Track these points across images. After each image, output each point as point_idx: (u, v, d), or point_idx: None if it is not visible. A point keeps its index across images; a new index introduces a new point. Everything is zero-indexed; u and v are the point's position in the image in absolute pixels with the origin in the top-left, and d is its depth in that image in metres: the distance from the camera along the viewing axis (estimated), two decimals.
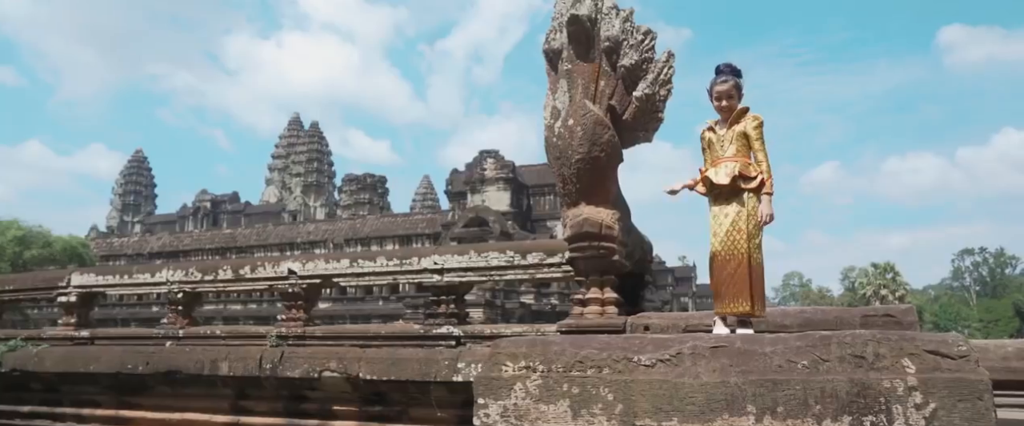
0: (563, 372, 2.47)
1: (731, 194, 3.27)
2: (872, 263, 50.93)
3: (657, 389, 2.32)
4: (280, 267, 6.65)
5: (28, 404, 7.51)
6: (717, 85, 3.40)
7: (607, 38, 4.40)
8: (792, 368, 2.22)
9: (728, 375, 2.26)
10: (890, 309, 3.84)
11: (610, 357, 2.44)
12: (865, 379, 2.11)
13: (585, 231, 4.32)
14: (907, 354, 2.12)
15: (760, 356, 2.28)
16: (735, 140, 3.30)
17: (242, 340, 6.77)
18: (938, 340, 2.11)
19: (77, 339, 7.39)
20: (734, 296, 3.22)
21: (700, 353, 2.36)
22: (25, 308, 25.81)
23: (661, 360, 2.39)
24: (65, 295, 7.51)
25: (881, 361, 2.14)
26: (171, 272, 7.10)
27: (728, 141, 3.32)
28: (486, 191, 38.61)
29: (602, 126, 4.30)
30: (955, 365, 2.06)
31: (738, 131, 3.30)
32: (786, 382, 2.19)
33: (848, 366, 2.17)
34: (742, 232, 3.20)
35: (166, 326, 7.08)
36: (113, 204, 60.62)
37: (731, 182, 3.24)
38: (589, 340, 2.56)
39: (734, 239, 3.21)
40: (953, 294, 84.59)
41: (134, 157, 62.95)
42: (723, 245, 3.25)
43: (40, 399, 7.52)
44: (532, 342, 2.60)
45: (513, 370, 2.54)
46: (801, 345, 2.26)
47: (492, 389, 2.54)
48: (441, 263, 6.08)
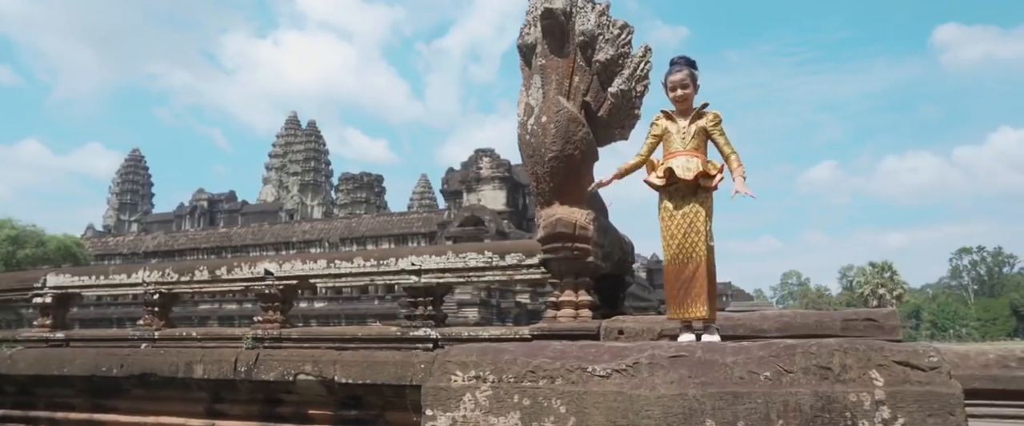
0: (514, 382, 2.32)
1: (689, 192, 3.12)
2: (870, 262, 50.85)
3: (612, 401, 2.18)
4: (256, 268, 6.51)
5: (1, 407, 7.37)
6: (671, 75, 3.26)
7: (582, 32, 4.26)
8: (754, 380, 2.08)
9: (686, 387, 2.12)
10: (871, 313, 3.70)
11: (564, 367, 2.30)
12: (830, 392, 1.97)
13: (558, 232, 4.18)
14: (875, 365, 1.98)
15: (721, 367, 2.14)
16: (695, 135, 3.16)
17: (218, 342, 6.62)
18: (908, 351, 1.97)
19: (52, 341, 7.24)
20: (693, 300, 3.08)
21: (658, 363, 2.22)
22: (19, 307, 25.65)
23: (617, 370, 2.25)
24: (40, 296, 7.36)
25: (848, 373, 1.99)
26: (147, 273, 6.95)
27: (690, 135, 3.18)
28: (482, 190, 38.43)
29: (576, 123, 4.16)
30: (925, 377, 1.92)
31: (698, 126, 3.16)
32: (747, 395, 2.05)
33: (813, 378, 2.02)
34: (700, 233, 3.06)
35: (142, 327, 6.94)
36: (110, 203, 60.41)
37: (694, 179, 3.09)
38: (543, 348, 2.41)
39: (692, 241, 3.07)
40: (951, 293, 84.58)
41: (131, 156, 62.73)
42: (681, 247, 3.10)
43: (13, 402, 7.38)
44: (483, 350, 2.46)
45: (463, 380, 2.40)
46: (764, 355, 2.12)
47: (441, 400, 2.40)
48: (418, 264, 5.94)
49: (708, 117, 3.16)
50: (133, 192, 60.61)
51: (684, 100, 3.20)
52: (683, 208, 3.12)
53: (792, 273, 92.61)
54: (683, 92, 3.19)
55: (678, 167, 3.12)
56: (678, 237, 3.10)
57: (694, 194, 3.10)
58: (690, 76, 3.21)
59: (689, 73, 3.21)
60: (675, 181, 3.12)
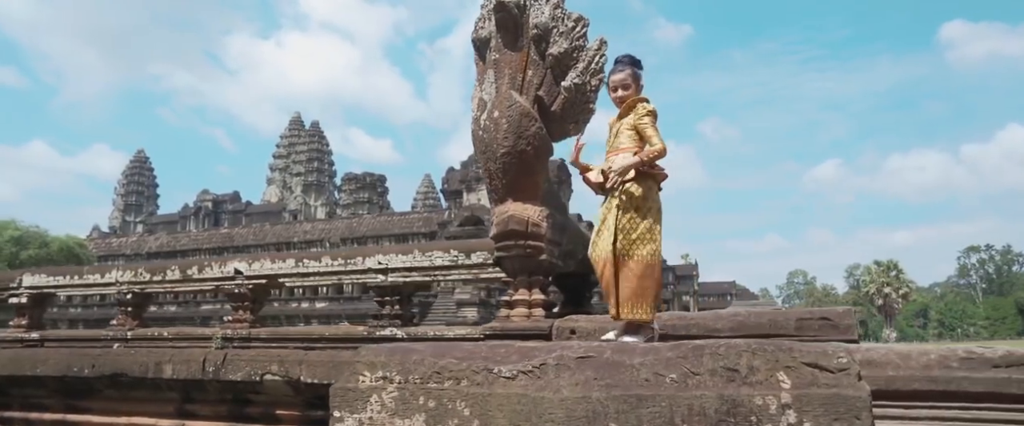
0: (420, 383, 2.23)
1: (612, 190, 3.01)
2: (875, 261, 50.40)
3: (515, 404, 2.08)
4: (226, 267, 6.44)
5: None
6: (613, 74, 3.14)
7: (536, 25, 4.15)
8: (660, 382, 1.98)
9: (591, 389, 2.02)
10: (826, 311, 3.59)
11: (469, 368, 2.20)
12: (736, 395, 1.87)
13: (510, 229, 4.08)
14: (783, 367, 1.87)
15: (628, 368, 2.04)
16: (624, 131, 3.04)
17: (189, 342, 6.56)
18: (817, 352, 1.86)
19: (27, 341, 7.21)
20: (609, 301, 2.98)
21: (565, 365, 2.12)
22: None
23: (523, 372, 2.15)
24: (16, 296, 7.33)
25: (755, 375, 1.89)
26: (120, 273, 6.90)
27: (618, 133, 3.07)
28: (482, 189, 38.35)
29: (528, 118, 4.07)
30: (833, 380, 1.82)
31: (628, 122, 3.04)
32: (652, 398, 1.95)
33: (720, 380, 1.92)
34: (610, 230, 2.94)
35: (115, 327, 6.89)
36: (115, 204, 60.72)
37: (604, 176, 2.98)
38: (452, 348, 2.32)
39: (604, 239, 2.96)
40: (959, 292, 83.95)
41: (136, 157, 63.04)
42: (594, 247, 3.00)
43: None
44: (392, 350, 2.37)
45: (370, 380, 2.31)
46: (672, 356, 2.02)
47: (348, 401, 2.32)
48: (385, 263, 5.86)
49: (637, 111, 3.03)
50: (138, 193, 60.89)
51: (622, 101, 3.09)
52: (603, 206, 3.02)
53: (798, 272, 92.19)
54: (623, 93, 3.07)
55: (593, 173, 3.03)
56: (594, 238, 3.01)
57: (612, 191, 2.99)
58: (632, 76, 3.09)
59: (631, 73, 3.09)
60: (603, 185, 3.03)
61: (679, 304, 58.28)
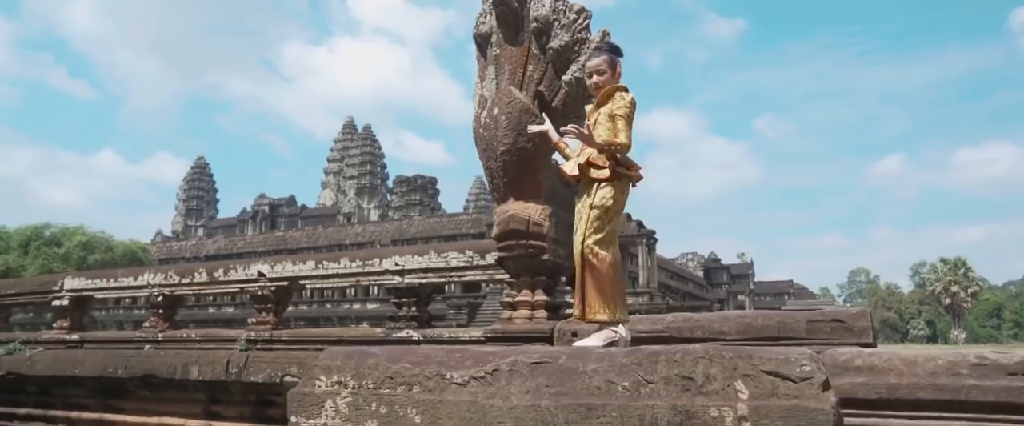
0: (373, 389, 2.15)
1: (585, 186, 2.86)
2: (941, 258, 48.04)
3: (465, 411, 1.98)
4: (250, 270, 6.53)
5: (25, 406, 7.61)
6: (589, 60, 2.99)
7: (536, 19, 4.04)
8: (612, 390, 1.85)
9: (541, 397, 1.90)
10: (839, 313, 3.36)
11: (422, 373, 2.11)
12: (690, 406, 1.72)
13: (511, 229, 3.98)
14: (741, 376, 1.72)
15: (580, 375, 1.91)
16: (601, 122, 2.88)
17: (216, 344, 6.68)
18: (779, 359, 1.70)
19: (68, 342, 7.47)
20: (580, 301, 2.83)
21: (518, 371, 2.01)
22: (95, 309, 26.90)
23: (475, 378, 2.04)
24: (59, 299, 7.61)
25: (711, 384, 1.74)
26: (152, 275, 7.08)
27: (593, 123, 2.91)
28: None
29: (529, 114, 3.95)
30: (795, 390, 1.65)
31: (605, 112, 2.88)
32: (602, 407, 1.82)
33: (674, 389, 1.78)
34: (580, 228, 2.80)
35: (147, 329, 7.08)
36: (178, 209, 63.06)
37: (580, 171, 2.83)
38: (408, 352, 2.23)
39: (577, 238, 2.82)
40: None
41: (196, 164, 65.34)
42: (573, 246, 2.86)
43: (35, 401, 7.61)
44: (349, 354, 2.30)
45: (326, 385, 2.24)
46: (627, 363, 1.88)
47: (304, 406, 2.26)
48: (402, 264, 5.83)
49: (615, 100, 2.87)
50: (199, 198, 63.06)
51: (598, 88, 2.94)
52: (577, 204, 2.88)
53: (860, 270, 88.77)
54: (598, 78, 2.92)
55: (568, 165, 2.88)
56: (573, 236, 2.87)
57: (587, 186, 2.85)
58: (609, 62, 2.93)
59: (608, 59, 2.94)
60: (574, 180, 2.89)
61: (734, 304, 56.91)
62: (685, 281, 51.36)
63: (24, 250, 29.56)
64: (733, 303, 55.93)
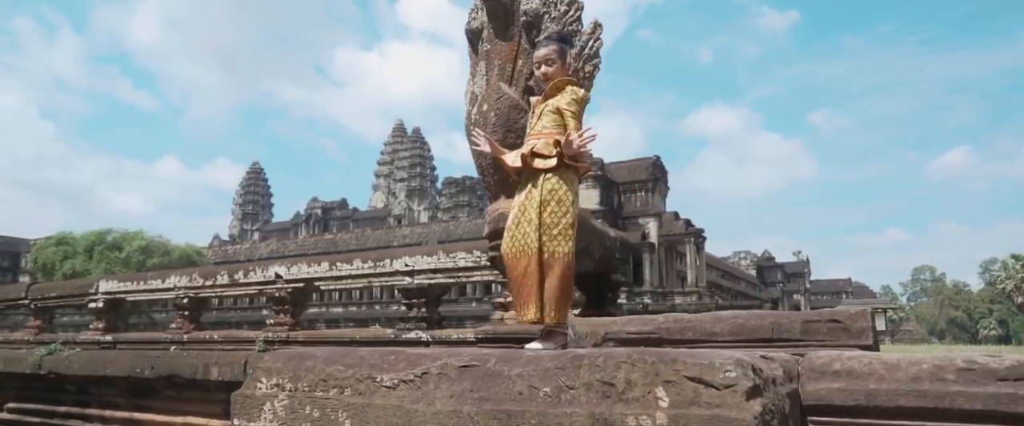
0: (308, 392, 2.10)
1: (529, 177, 2.74)
2: (1012, 255, 45.57)
3: (391, 416, 1.91)
4: (268, 271, 6.62)
5: (64, 405, 7.90)
6: (538, 49, 2.88)
7: (526, 12, 3.94)
8: (533, 396, 1.74)
9: (464, 402, 1.81)
10: (836, 313, 3.15)
11: (354, 376, 2.05)
12: (608, 414, 1.61)
13: (500, 227, 3.85)
14: (663, 382, 1.59)
15: (505, 380, 1.81)
16: (546, 115, 2.76)
17: (236, 345, 6.80)
18: (704, 364, 1.57)
19: (102, 343, 7.72)
20: (524, 301, 2.69)
21: (446, 374, 1.92)
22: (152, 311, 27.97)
23: (404, 381, 1.97)
24: (94, 301, 7.87)
25: (632, 390, 1.62)
26: (178, 278, 7.26)
27: (539, 115, 2.79)
28: None
29: (517, 110, 3.85)
30: (717, 398, 1.52)
31: (553, 105, 2.76)
32: (520, 414, 1.72)
33: (595, 396, 1.67)
34: (532, 223, 2.65)
35: (173, 331, 7.25)
36: (234, 214, 65.10)
37: (523, 162, 2.71)
38: (344, 355, 2.17)
39: (524, 232, 2.68)
40: None
41: (251, 169, 67.31)
42: (513, 238, 2.72)
43: (74, 400, 7.89)
44: (290, 356, 2.25)
45: (266, 388, 2.20)
46: (551, 368, 1.77)
47: (245, 409, 2.22)
48: (412, 265, 5.81)
49: (565, 94, 2.76)
50: (254, 202, 64.94)
51: (547, 78, 2.83)
52: (519, 195, 2.76)
53: (924, 267, 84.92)
54: (547, 69, 2.81)
55: (509, 157, 2.77)
56: (512, 229, 2.74)
57: (532, 178, 2.72)
58: (558, 51, 2.82)
59: (557, 48, 2.83)
60: (516, 172, 2.77)
61: (789, 303, 55.29)
62: (737, 280, 50.19)
63: (89, 254, 30.93)
64: (788, 302, 54.33)
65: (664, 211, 37.25)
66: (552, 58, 2.79)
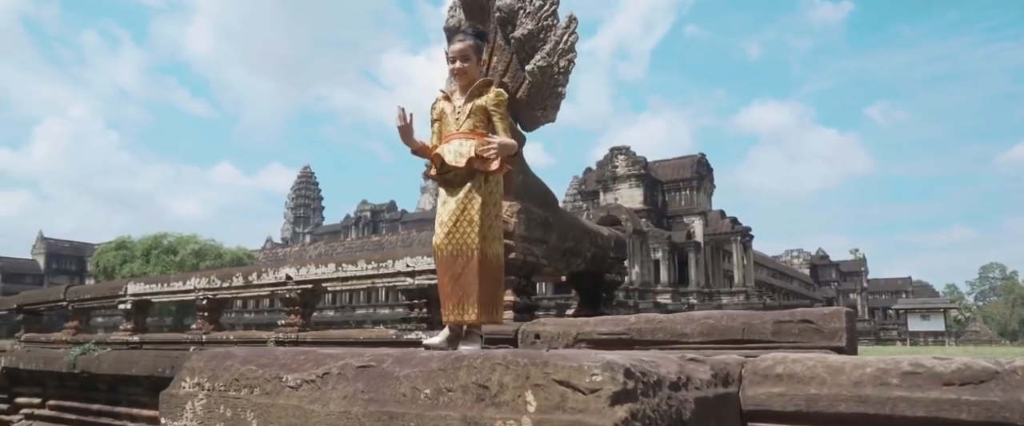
0: (223, 391, 2.10)
1: (466, 178, 2.68)
2: None
3: (291, 416, 1.89)
4: (279, 273, 6.72)
5: (97, 402, 8.19)
6: (453, 44, 2.82)
7: (500, 8, 3.90)
8: (415, 398, 1.70)
9: (354, 403, 1.78)
10: (809, 313, 3.00)
11: (264, 376, 2.04)
12: (479, 418, 1.55)
13: None
14: (532, 385, 1.53)
15: (394, 381, 1.77)
16: (473, 115, 2.71)
17: (249, 345, 6.94)
18: (572, 367, 1.50)
19: (130, 343, 7.98)
20: (459, 301, 2.63)
21: (345, 375, 1.89)
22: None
23: (307, 381, 1.95)
24: (123, 303, 8.15)
25: (504, 393, 1.56)
26: (198, 280, 7.45)
27: (465, 115, 2.73)
28: (618, 189, 37.60)
29: None
30: (582, 403, 1.45)
31: (478, 105, 2.71)
32: (402, 416, 1.67)
33: (470, 398, 1.61)
34: (473, 223, 2.61)
35: (194, 331, 7.45)
36: (286, 217, 66.72)
37: (467, 164, 2.66)
38: (260, 355, 2.16)
39: (464, 231, 2.63)
40: None
41: (302, 173, 68.86)
42: (449, 239, 2.67)
43: (105, 398, 8.17)
44: (212, 356, 2.26)
45: (189, 387, 2.22)
46: (435, 369, 1.73)
47: (170, 407, 2.25)
48: (412, 265, 5.80)
49: (489, 95, 2.72)
50: (305, 206, 66.40)
51: (463, 74, 2.78)
52: (456, 195, 2.70)
53: (994, 265, 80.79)
54: (461, 64, 2.77)
55: (449, 153, 2.70)
56: (448, 225, 2.68)
57: (470, 178, 2.68)
58: (474, 47, 2.78)
59: (473, 44, 2.79)
60: (448, 169, 2.71)
61: (844, 303, 53.38)
62: (789, 279, 48.77)
63: (146, 258, 32.15)
64: (843, 302, 52.38)
65: (710, 209, 36.50)
66: (468, 54, 2.76)
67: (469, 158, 2.67)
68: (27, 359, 8.25)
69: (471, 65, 2.77)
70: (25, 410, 8.49)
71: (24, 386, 8.49)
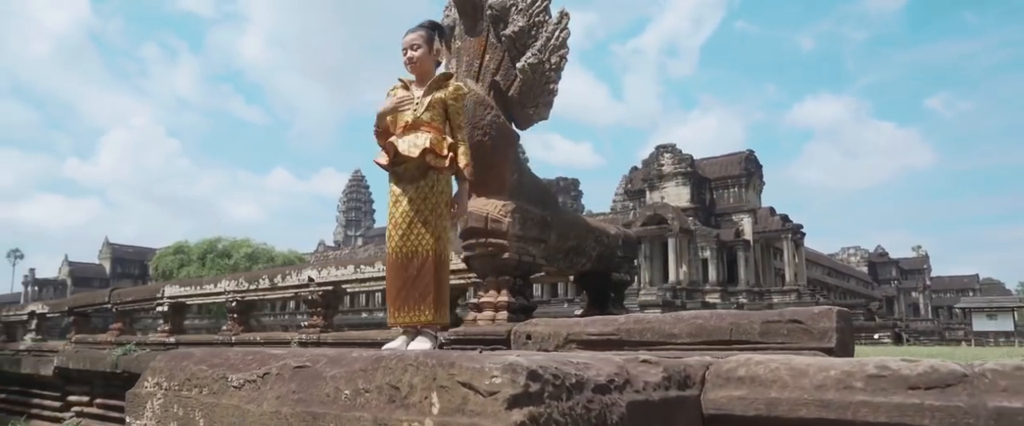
0: (177, 391, 2.13)
1: (419, 174, 2.65)
2: None
3: (231, 416, 1.90)
4: (301, 275, 6.84)
5: None
6: (406, 34, 2.80)
7: (491, 6, 3.86)
8: (337, 398, 1.69)
9: (285, 403, 1.78)
10: (797, 313, 2.88)
11: (212, 376, 2.05)
12: (388, 419, 1.53)
13: (471, 226, 3.81)
14: (438, 387, 1.50)
15: (322, 381, 1.77)
16: (432, 107, 2.67)
17: (274, 345, 7.08)
18: (475, 368, 1.47)
19: (166, 344, 8.25)
20: (415, 303, 2.60)
21: (282, 375, 1.89)
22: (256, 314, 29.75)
23: (249, 381, 1.95)
24: (161, 305, 8.43)
25: (413, 395, 1.54)
26: (227, 282, 7.64)
27: (423, 107, 2.70)
28: (664, 187, 37.03)
29: (483, 106, 3.78)
30: (480, 406, 1.41)
31: (437, 98, 2.68)
32: (323, 416, 1.66)
33: (383, 399, 1.59)
34: (428, 223, 2.57)
35: (225, 332, 7.64)
36: (338, 220, 68.12)
37: (420, 156, 2.62)
38: (214, 355, 2.18)
39: (418, 232, 2.59)
40: None
41: (353, 177, 70.18)
42: (405, 238, 2.63)
43: None
44: (172, 356, 2.29)
45: (150, 386, 2.25)
46: (358, 369, 1.71)
47: (134, 406, 2.29)
48: None
49: (448, 89, 2.69)
50: (357, 209, 67.64)
51: (416, 64, 2.75)
52: (410, 193, 2.67)
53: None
54: (413, 53, 2.75)
55: (403, 143, 2.67)
56: (403, 227, 2.65)
57: (424, 176, 2.64)
58: (424, 37, 2.75)
59: (424, 33, 2.76)
60: (401, 161, 2.68)
61: (906, 301, 51.34)
62: (845, 277, 47.15)
63: (202, 262, 33.27)
64: (905, 301, 50.37)
65: (759, 207, 35.61)
66: (417, 44, 2.75)
67: (423, 149, 2.65)
68: (76, 359, 8.61)
69: (422, 54, 2.77)
70: (76, 408, 8.86)
71: (74, 385, 8.88)
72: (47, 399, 9.17)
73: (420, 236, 2.63)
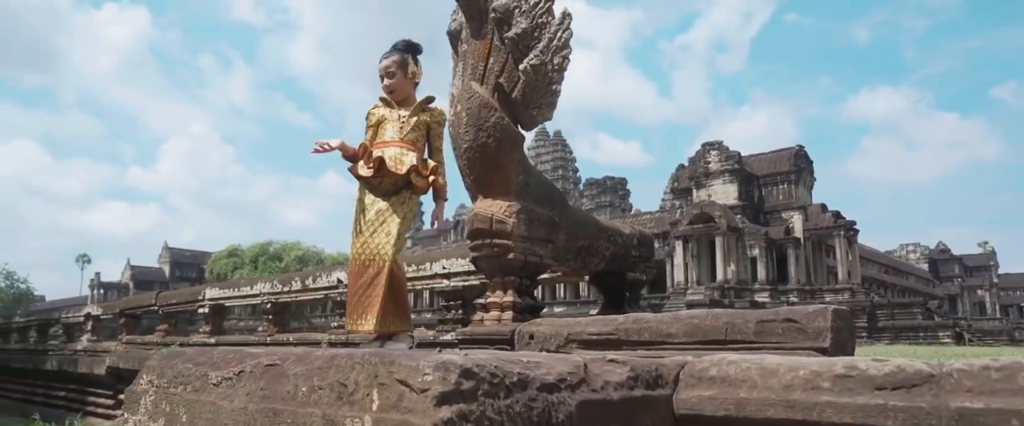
0: (166, 388, 2.23)
1: (391, 190, 2.70)
2: None
3: (208, 412, 1.99)
4: (330, 277, 7.00)
5: None
6: (381, 60, 2.84)
7: (495, 8, 3.89)
8: (296, 395, 1.75)
9: (251, 400, 1.85)
10: (792, 312, 2.83)
11: (195, 373, 2.14)
12: (335, 415, 1.58)
13: (476, 228, 3.86)
14: (378, 384, 1.54)
15: (285, 379, 1.83)
16: (415, 128, 2.74)
17: (306, 346, 7.26)
18: (411, 366, 1.50)
19: (206, 344, 8.56)
20: (363, 311, 2.64)
21: (254, 372, 1.96)
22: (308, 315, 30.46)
23: (225, 378, 2.03)
24: (202, 307, 8.75)
25: (358, 392, 1.59)
26: (263, 285, 7.88)
27: (409, 127, 2.75)
28: (711, 185, 36.41)
29: (487, 108, 3.81)
30: (412, 403, 1.45)
31: (422, 119, 2.74)
32: (281, 413, 1.73)
33: (333, 396, 1.65)
34: (390, 235, 2.63)
35: (260, 334, 7.88)
36: None
37: (406, 173, 2.68)
38: (201, 353, 2.27)
39: (379, 242, 2.64)
40: None
41: None
42: (366, 246, 2.67)
43: None
44: (166, 355, 2.39)
45: (144, 384, 2.37)
46: (317, 367, 1.77)
47: (129, 403, 2.41)
48: (448, 267, 5.91)
49: (434, 113, 2.77)
50: None
51: (392, 90, 2.81)
52: (378, 205, 2.72)
53: None
54: (388, 81, 2.80)
55: (389, 158, 2.72)
56: (365, 235, 2.70)
57: (396, 192, 2.70)
58: (398, 63, 2.81)
59: (399, 59, 2.82)
60: (382, 174, 2.73)
61: (971, 300, 49.10)
62: (903, 275, 45.43)
63: (255, 264, 34.25)
64: (970, 299, 48.17)
65: (810, 203, 34.67)
66: (392, 70, 2.83)
67: (410, 167, 2.71)
68: (125, 359, 8.99)
69: (398, 80, 2.85)
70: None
71: (125, 383, 9.27)
72: (101, 397, 9.59)
73: (380, 245, 2.71)
